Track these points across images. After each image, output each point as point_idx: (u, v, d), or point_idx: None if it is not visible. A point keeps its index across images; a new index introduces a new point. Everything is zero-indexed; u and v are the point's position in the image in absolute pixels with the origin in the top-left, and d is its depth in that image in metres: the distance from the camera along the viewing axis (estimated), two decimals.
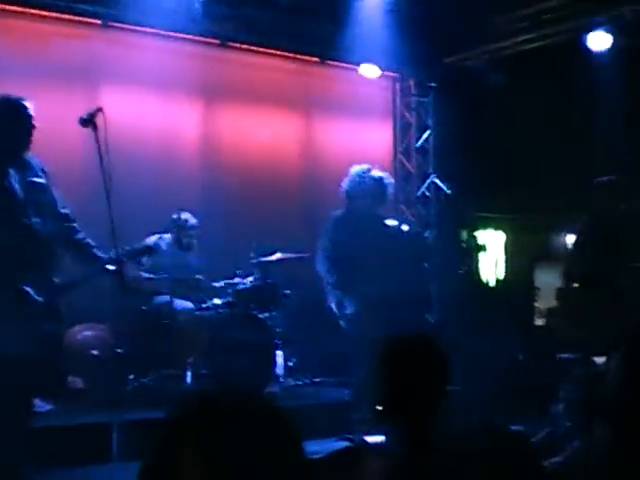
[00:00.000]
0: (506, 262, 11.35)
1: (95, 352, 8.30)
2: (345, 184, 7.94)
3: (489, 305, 10.21)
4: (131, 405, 6.78)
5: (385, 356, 3.25)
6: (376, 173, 7.99)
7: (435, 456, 3.06)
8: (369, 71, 11.00)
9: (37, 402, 6.52)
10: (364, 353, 6.68)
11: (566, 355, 7.70)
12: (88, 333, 8.42)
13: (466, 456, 3.17)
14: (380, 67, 11.01)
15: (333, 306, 7.72)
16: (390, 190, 7.96)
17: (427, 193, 11.95)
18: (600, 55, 9.98)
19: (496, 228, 11.46)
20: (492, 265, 11.26)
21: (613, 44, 9.87)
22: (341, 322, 7.69)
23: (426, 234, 11.41)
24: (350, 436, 7.32)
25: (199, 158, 10.49)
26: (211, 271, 9.11)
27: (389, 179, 8.03)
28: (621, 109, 9.78)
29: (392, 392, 3.20)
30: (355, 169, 8.01)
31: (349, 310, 7.57)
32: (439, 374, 3.20)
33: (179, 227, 8.94)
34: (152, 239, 8.49)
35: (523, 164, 10.69)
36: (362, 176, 7.88)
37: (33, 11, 9.19)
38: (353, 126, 11.66)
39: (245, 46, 10.58)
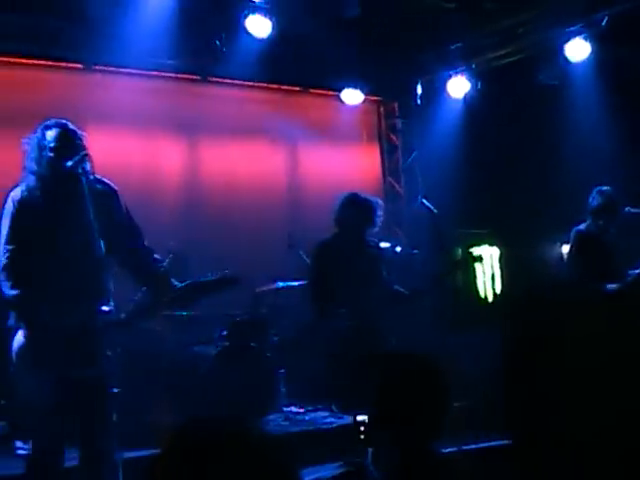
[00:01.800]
0: (502, 276, 11.36)
1: None
2: (334, 211, 7.93)
3: (487, 320, 10.21)
4: (132, 443, 6.76)
5: (377, 373, 3.25)
6: (365, 198, 7.99)
7: (426, 474, 3.03)
8: (351, 96, 11.07)
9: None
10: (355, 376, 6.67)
11: None
12: None
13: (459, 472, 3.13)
14: (362, 92, 11.07)
15: (326, 332, 7.72)
16: (380, 214, 7.95)
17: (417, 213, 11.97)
18: (578, 65, 10.09)
19: (490, 244, 11.47)
20: (489, 280, 11.27)
21: (591, 52, 9.97)
22: (333, 348, 7.68)
23: (419, 254, 11.43)
24: (357, 460, 7.29)
25: (183, 193, 10.51)
26: (203, 305, 9.11)
27: (379, 203, 8.03)
28: (603, 120, 9.89)
29: (382, 408, 3.18)
30: (343, 196, 8.02)
31: (340, 335, 7.57)
32: (431, 391, 3.16)
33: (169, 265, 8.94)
34: None
35: (513, 176, 10.75)
36: (350, 201, 7.87)
37: (10, 59, 9.30)
38: (339, 152, 11.72)
39: (225, 80, 10.64)
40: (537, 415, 1.63)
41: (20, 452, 6.92)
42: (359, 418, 3.76)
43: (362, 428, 3.71)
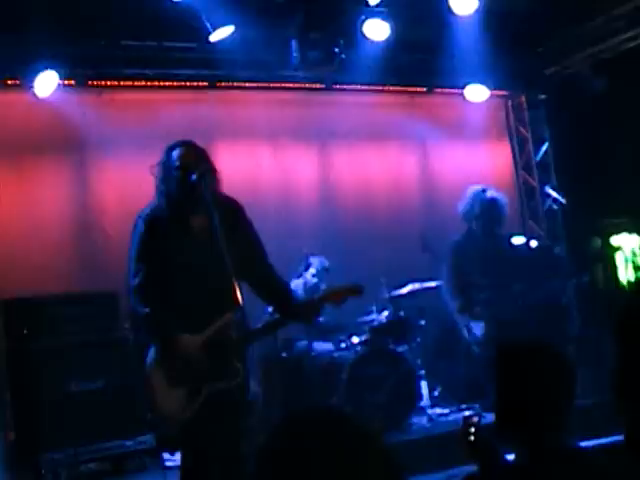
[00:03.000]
0: None
1: None
2: (460, 207, 7.93)
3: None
4: None
5: (501, 365, 3.13)
6: (490, 193, 7.95)
7: (555, 470, 2.89)
8: (477, 93, 10.98)
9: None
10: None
11: None
12: None
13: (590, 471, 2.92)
14: (487, 87, 10.97)
15: (464, 332, 7.70)
16: (505, 210, 7.88)
17: (554, 206, 11.80)
18: None
19: (630, 232, 11.18)
20: (631, 269, 10.99)
21: None
22: (473, 347, 7.64)
23: (557, 248, 11.27)
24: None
25: (318, 201, 10.65)
26: (344, 310, 9.18)
27: (503, 198, 7.97)
28: None
29: (508, 403, 3.06)
30: (469, 191, 8.00)
31: (478, 333, 7.52)
32: (560, 387, 3.02)
33: (317, 271, 9.05)
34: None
35: None
36: (475, 198, 7.85)
37: (140, 83, 9.59)
38: (469, 150, 11.64)
39: (349, 86, 10.71)
40: None
41: (168, 464, 7.12)
42: (467, 414, 3.59)
43: (472, 429, 3.55)
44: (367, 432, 1.65)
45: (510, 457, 3.28)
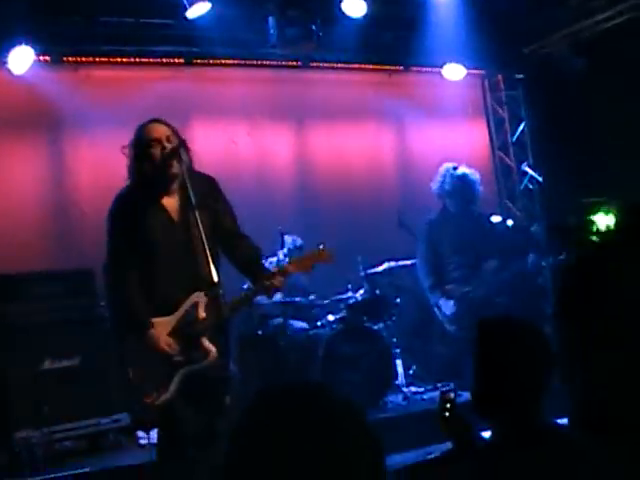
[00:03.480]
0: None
1: None
2: (433, 185, 7.93)
3: None
4: None
5: (481, 340, 3.12)
6: (460, 170, 7.94)
7: (532, 447, 2.89)
8: (454, 72, 10.97)
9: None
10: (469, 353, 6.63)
11: None
12: None
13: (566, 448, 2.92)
14: (465, 66, 10.96)
15: (435, 309, 7.71)
16: (477, 186, 7.88)
17: (530, 186, 11.83)
18: None
19: (606, 212, 11.21)
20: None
21: None
22: (445, 325, 7.65)
23: (533, 227, 11.31)
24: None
25: (294, 179, 10.66)
26: (320, 289, 9.21)
27: (474, 175, 7.97)
28: None
29: (487, 379, 3.06)
30: (441, 168, 8.00)
31: (448, 312, 7.53)
32: (540, 364, 3.02)
33: (289, 250, 9.04)
34: None
35: (628, 143, 10.48)
36: (445, 175, 7.86)
37: (116, 59, 9.51)
38: (446, 128, 11.65)
39: (327, 64, 10.68)
40: None
41: (142, 442, 7.14)
42: (444, 390, 3.61)
43: (448, 405, 3.57)
44: (347, 404, 1.64)
45: (486, 434, 3.30)
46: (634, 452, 3.04)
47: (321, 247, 5.66)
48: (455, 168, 8.02)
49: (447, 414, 3.55)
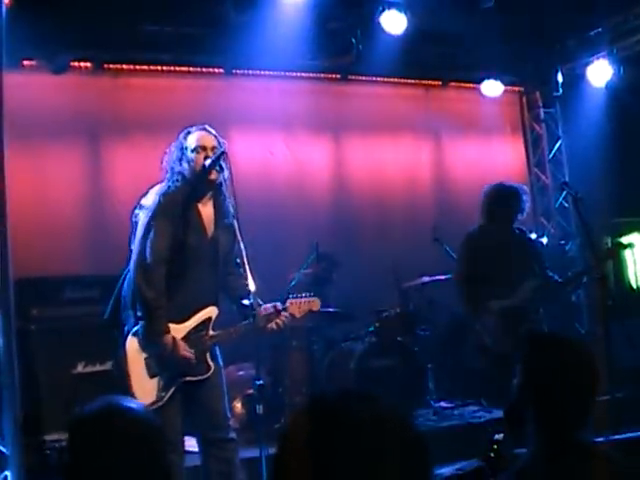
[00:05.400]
0: None
1: (250, 391, 8.27)
2: (482, 202, 7.82)
3: (637, 310, 9.92)
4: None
5: (530, 354, 3.09)
6: (511, 185, 7.86)
7: (571, 465, 2.86)
8: (492, 88, 10.96)
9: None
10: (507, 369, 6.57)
11: None
12: (241, 373, 8.44)
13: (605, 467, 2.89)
14: (502, 83, 10.95)
15: (475, 325, 7.63)
16: (526, 199, 7.81)
17: (565, 204, 11.78)
18: None
19: None
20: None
21: None
22: (485, 340, 7.55)
23: (568, 245, 11.31)
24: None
25: (330, 192, 10.66)
26: (354, 301, 9.20)
27: (524, 189, 7.91)
28: None
29: (534, 394, 3.01)
30: (489, 186, 7.91)
31: (487, 326, 7.45)
32: (586, 378, 2.98)
33: (326, 262, 9.04)
34: (293, 275, 8.71)
35: None
36: (497, 190, 7.77)
37: (155, 68, 9.61)
38: (483, 144, 11.65)
39: (365, 77, 10.69)
40: None
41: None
42: (497, 438, 3.59)
43: (495, 446, 3.58)
44: (395, 409, 1.64)
45: (520, 451, 3.28)
46: None
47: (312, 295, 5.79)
48: (502, 184, 7.90)
49: (492, 454, 3.57)
